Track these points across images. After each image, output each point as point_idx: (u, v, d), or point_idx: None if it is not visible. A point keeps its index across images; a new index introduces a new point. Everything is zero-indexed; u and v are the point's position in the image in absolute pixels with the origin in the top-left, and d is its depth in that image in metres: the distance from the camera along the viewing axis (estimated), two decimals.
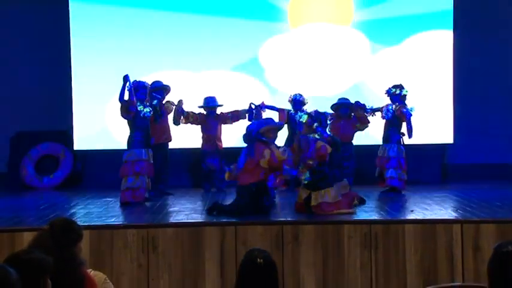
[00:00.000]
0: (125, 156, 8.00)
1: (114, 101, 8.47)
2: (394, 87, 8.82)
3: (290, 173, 7.23)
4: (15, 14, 10.52)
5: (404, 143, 8.84)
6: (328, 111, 8.88)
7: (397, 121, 8.79)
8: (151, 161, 8.09)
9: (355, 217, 6.82)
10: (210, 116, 9.32)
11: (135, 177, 7.90)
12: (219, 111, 9.37)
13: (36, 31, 10.48)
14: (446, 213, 7.12)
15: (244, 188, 7.08)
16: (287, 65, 10.27)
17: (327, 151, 7.10)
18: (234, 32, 10.23)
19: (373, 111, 8.98)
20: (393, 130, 8.82)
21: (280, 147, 7.82)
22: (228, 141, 9.37)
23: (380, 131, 9.04)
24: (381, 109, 8.94)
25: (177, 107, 9.07)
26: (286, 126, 9.26)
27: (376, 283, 6.38)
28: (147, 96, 8.27)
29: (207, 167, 9.27)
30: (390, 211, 7.29)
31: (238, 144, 7.71)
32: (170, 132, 9.11)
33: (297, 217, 6.92)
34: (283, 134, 9.08)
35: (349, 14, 10.29)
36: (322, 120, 7.42)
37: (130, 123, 8.10)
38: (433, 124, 10.16)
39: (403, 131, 8.80)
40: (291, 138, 8.86)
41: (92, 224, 6.57)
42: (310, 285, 6.36)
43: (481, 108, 10.53)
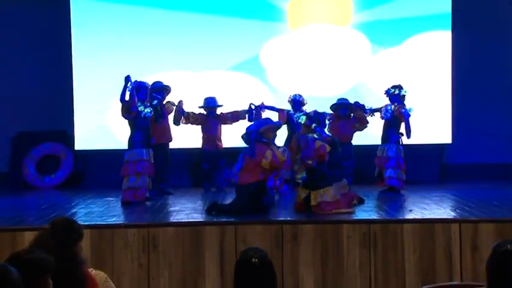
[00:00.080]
0: (126, 157, 8.02)
1: (115, 101, 8.49)
2: (393, 88, 8.84)
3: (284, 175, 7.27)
4: (15, 14, 10.52)
5: (403, 143, 8.86)
6: (328, 112, 8.93)
7: (396, 121, 8.80)
8: (152, 161, 8.12)
9: (354, 217, 6.83)
10: (210, 116, 9.34)
11: (136, 177, 7.93)
12: (219, 111, 9.39)
13: (36, 31, 10.48)
14: (444, 212, 7.15)
15: (244, 187, 7.10)
16: (287, 66, 10.28)
17: (326, 150, 7.12)
18: (234, 32, 10.24)
19: (372, 112, 9.00)
20: (392, 130, 8.83)
21: (279, 147, 7.84)
22: (228, 141, 9.40)
23: (379, 131, 9.06)
24: (380, 109, 8.96)
25: (177, 107, 9.09)
26: (285, 126, 9.29)
27: (375, 282, 6.39)
28: (148, 97, 8.31)
29: (206, 167, 9.32)
30: (389, 211, 7.30)
31: (238, 144, 7.73)
32: (171, 133, 9.13)
33: (297, 217, 6.92)
34: (282, 134, 9.11)
35: (348, 14, 10.31)
36: (320, 120, 7.45)
37: (131, 124, 8.13)
38: (431, 124, 10.18)
39: (401, 131, 8.82)
40: (290, 139, 8.87)
41: (93, 223, 6.58)
42: (309, 284, 6.38)
43: (480, 108, 10.55)
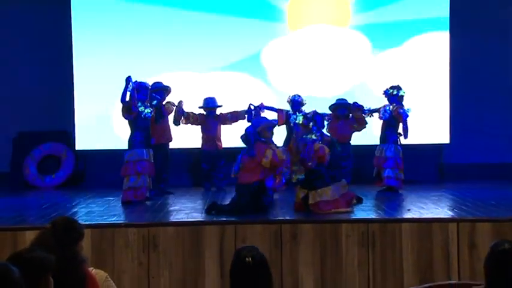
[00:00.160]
0: (127, 156, 8.05)
1: (115, 101, 8.53)
2: (392, 88, 8.84)
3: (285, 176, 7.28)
4: (15, 14, 10.54)
5: (401, 143, 8.88)
6: (327, 112, 8.97)
7: (394, 122, 8.81)
8: (152, 160, 8.15)
9: (353, 216, 6.85)
10: (210, 116, 9.36)
11: (136, 177, 7.95)
12: (218, 111, 9.42)
13: (36, 31, 10.50)
14: (442, 212, 7.18)
15: (244, 186, 7.12)
16: (287, 66, 10.30)
17: (325, 152, 7.16)
18: (234, 32, 10.25)
19: (371, 112, 9.02)
20: (390, 130, 8.84)
21: (279, 148, 7.87)
22: (228, 142, 9.43)
23: (378, 131, 9.08)
24: (378, 110, 8.98)
25: (177, 107, 9.12)
26: (284, 126, 9.33)
27: (374, 281, 6.42)
28: (148, 97, 8.34)
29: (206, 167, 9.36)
30: (387, 210, 7.33)
31: (238, 144, 7.76)
32: (170, 133, 9.16)
33: (296, 216, 6.95)
34: (282, 134, 9.16)
35: (348, 15, 10.34)
36: (318, 120, 7.47)
37: (132, 124, 8.15)
38: (430, 124, 10.21)
39: (399, 131, 8.86)
40: (289, 139, 8.90)
41: (94, 222, 6.61)
42: (308, 283, 6.40)
43: (477, 108, 10.57)
